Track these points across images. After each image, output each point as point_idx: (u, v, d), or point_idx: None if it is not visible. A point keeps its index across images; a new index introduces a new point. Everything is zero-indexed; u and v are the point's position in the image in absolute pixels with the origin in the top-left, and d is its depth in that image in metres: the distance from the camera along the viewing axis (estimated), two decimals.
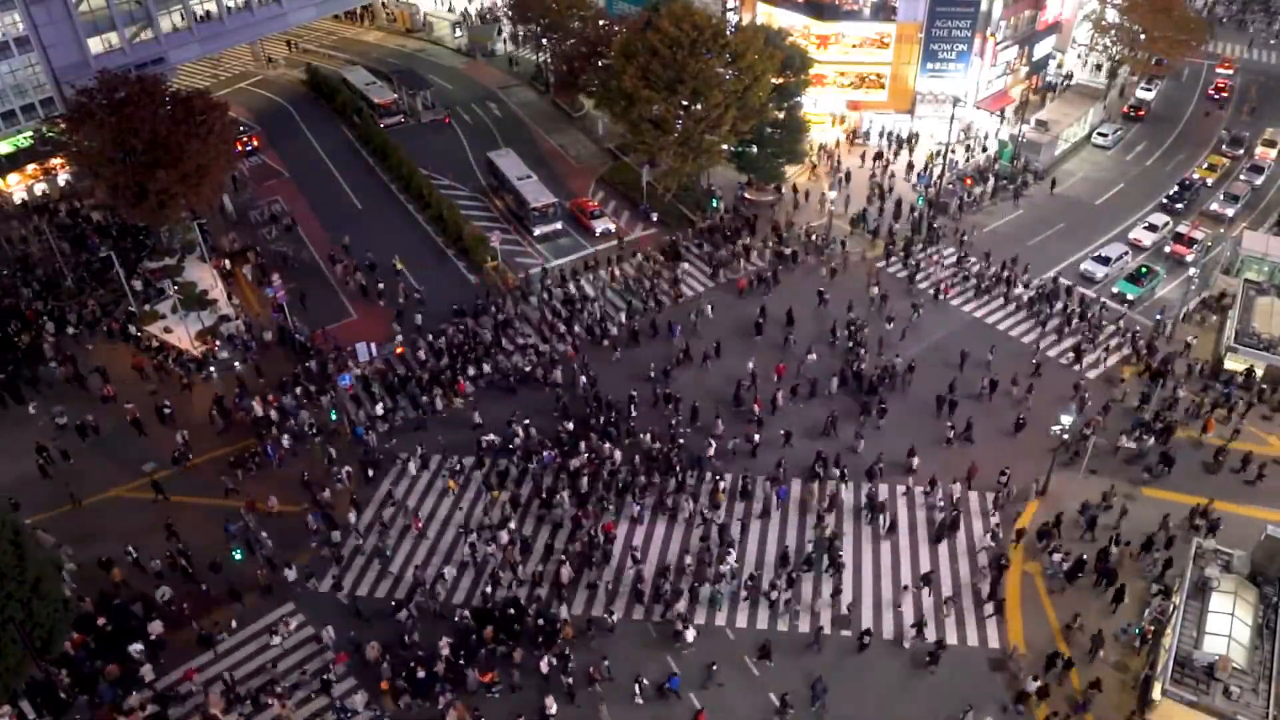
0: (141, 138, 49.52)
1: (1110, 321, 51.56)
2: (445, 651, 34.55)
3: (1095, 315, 51.57)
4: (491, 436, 44.05)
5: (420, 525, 40.73)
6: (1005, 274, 54.30)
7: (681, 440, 43.70)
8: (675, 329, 50.80)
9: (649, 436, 43.80)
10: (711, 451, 43.09)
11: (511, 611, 36.33)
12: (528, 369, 48.19)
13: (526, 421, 44.45)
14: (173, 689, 34.74)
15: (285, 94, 78.01)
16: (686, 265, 56.06)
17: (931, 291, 53.95)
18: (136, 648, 35.37)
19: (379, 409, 45.75)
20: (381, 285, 53.90)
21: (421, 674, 33.95)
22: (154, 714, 33.82)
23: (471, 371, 48.08)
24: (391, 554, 39.69)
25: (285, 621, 36.12)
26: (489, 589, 37.54)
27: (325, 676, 34.48)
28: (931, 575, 37.86)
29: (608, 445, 43.19)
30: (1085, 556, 38.27)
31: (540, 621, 36.08)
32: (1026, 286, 53.74)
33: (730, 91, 54.39)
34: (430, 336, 50.47)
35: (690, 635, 35.69)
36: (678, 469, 42.32)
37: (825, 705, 33.69)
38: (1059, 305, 52.40)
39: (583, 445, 43.33)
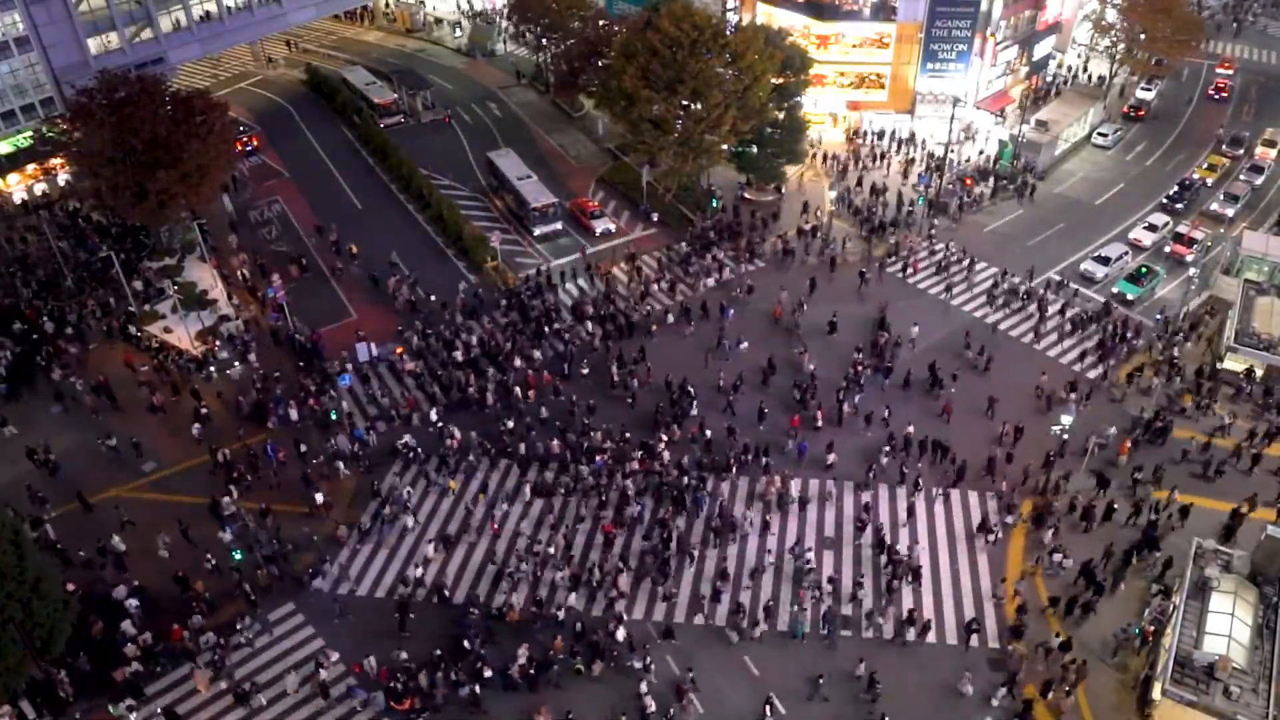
0: (141, 138, 49.51)
1: (1155, 340, 50.14)
2: (522, 660, 34.42)
3: (1141, 337, 50.51)
4: (407, 439, 44.02)
5: (496, 529, 40.55)
6: (1043, 294, 52.95)
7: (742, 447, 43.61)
8: (728, 312, 51.18)
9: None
10: (663, 448, 43.16)
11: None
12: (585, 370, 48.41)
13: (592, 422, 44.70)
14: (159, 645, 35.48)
15: (285, 94, 77.99)
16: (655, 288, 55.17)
17: (899, 271, 55.12)
18: (132, 603, 36.50)
19: (433, 414, 45.52)
20: (434, 296, 53.36)
21: (489, 674, 34.14)
22: (135, 673, 34.39)
23: (518, 362, 48.25)
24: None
25: (327, 654, 35.32)
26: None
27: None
28: (1023, 628, 36.19)
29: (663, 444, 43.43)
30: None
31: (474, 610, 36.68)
32: (1063, 313, 52.17)
33: (730, 91, 54.41)
34: (464, 332, 50.57)
35: (621, 634, 35.66)
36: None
37: (835, 640, 35.31)
38: (1098, 325, 51.24)
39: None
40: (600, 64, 65.29)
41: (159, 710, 33.49)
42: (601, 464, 42.57)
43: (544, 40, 73.96)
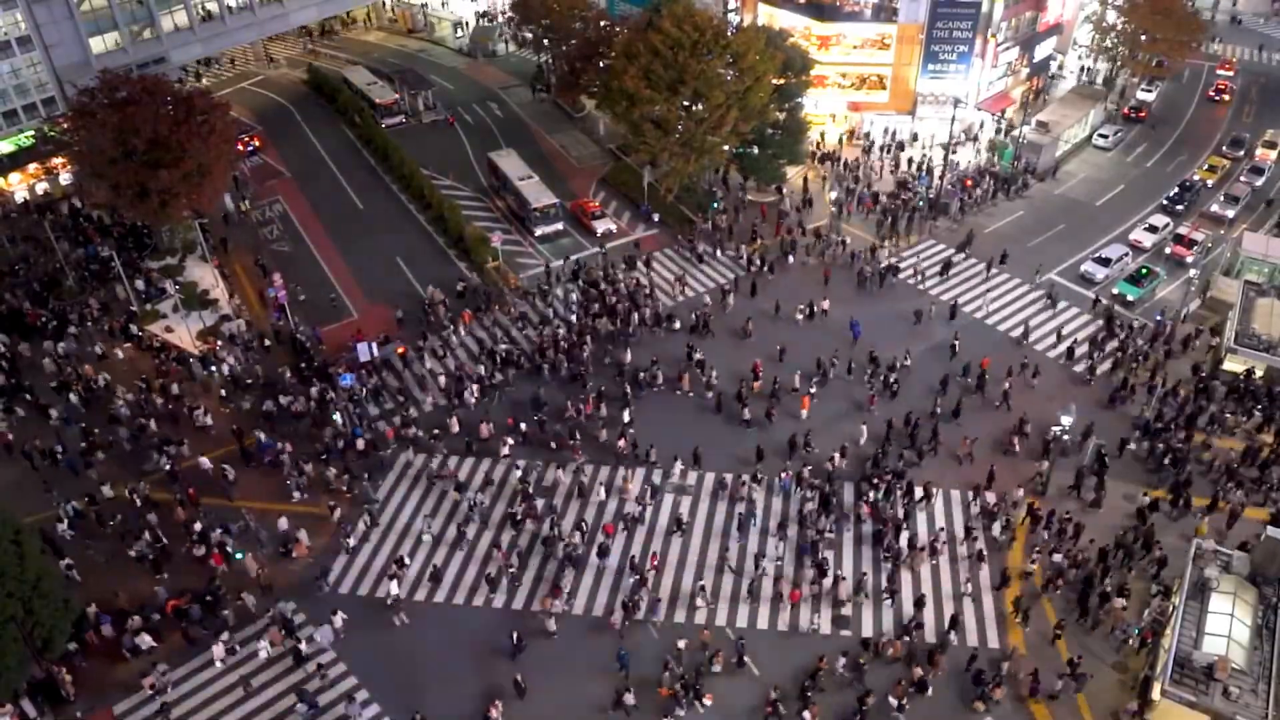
0: (143, 137, 49.58)
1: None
2: (774, 696, 33.75)
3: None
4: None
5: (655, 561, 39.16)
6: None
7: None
8: (856, 328, 50.22)
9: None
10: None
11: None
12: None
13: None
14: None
15: (286, 94, 78.07)
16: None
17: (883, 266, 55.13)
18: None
19: (626, 414, 44.74)
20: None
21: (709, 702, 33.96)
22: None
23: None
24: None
25: (520, 682, 34.21)
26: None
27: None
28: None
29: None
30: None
31: None
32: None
33: (731, 92, 54.47)
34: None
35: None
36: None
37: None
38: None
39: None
40: (602, 65, 65.37)
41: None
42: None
43: (545, 41, 73.99)
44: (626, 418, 44.93)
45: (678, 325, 51.18)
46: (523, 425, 44.89)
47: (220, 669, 35.22)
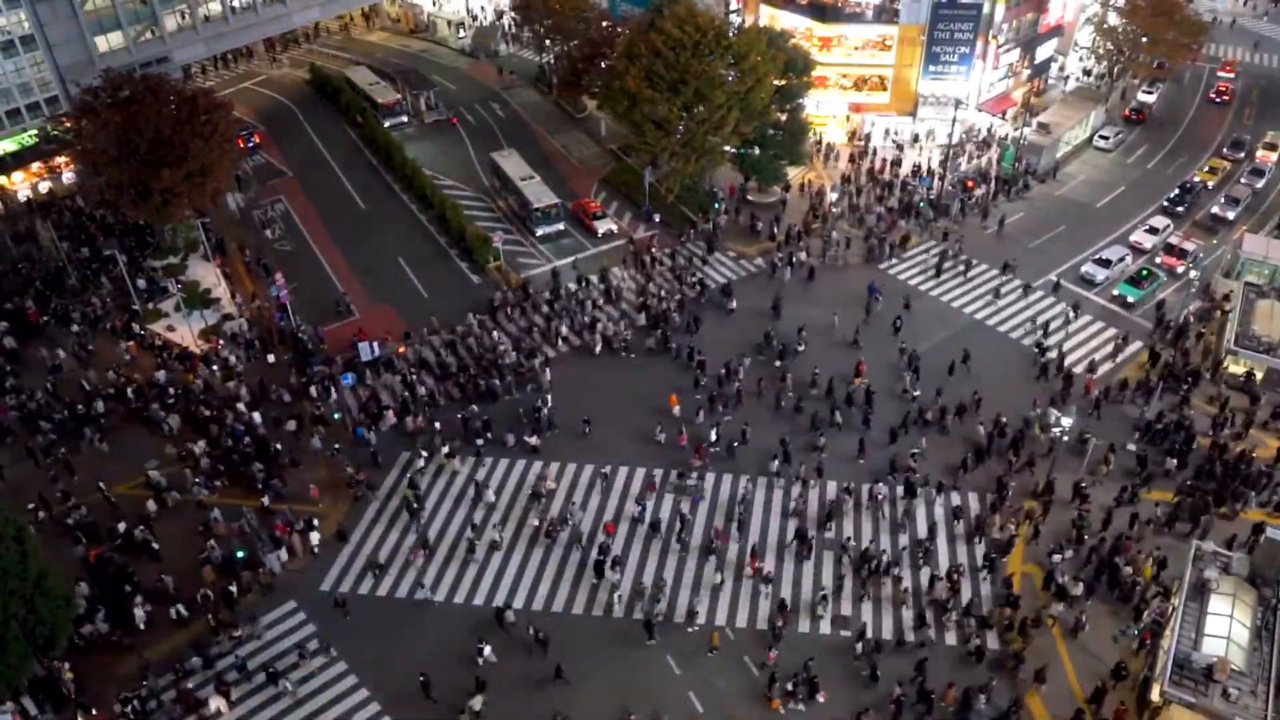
0: (145, 136, 49.69)
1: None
2: (898, 691, 34.07)
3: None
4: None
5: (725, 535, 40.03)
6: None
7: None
8: (873, 289, 52.35)
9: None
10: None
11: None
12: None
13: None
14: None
15: (289, 94, 78.15)
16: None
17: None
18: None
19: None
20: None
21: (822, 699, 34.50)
22: None
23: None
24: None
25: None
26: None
27: None
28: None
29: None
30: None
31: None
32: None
33: (733, 93, 54.56)
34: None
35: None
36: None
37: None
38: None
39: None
40: (603, 65, 65.44)
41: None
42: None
43: (548, 41, 74.02)
44: (714, 436, 44.34)
45: (734, 305, 52.08)
46: (437, 424, 44.83)
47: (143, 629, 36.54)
